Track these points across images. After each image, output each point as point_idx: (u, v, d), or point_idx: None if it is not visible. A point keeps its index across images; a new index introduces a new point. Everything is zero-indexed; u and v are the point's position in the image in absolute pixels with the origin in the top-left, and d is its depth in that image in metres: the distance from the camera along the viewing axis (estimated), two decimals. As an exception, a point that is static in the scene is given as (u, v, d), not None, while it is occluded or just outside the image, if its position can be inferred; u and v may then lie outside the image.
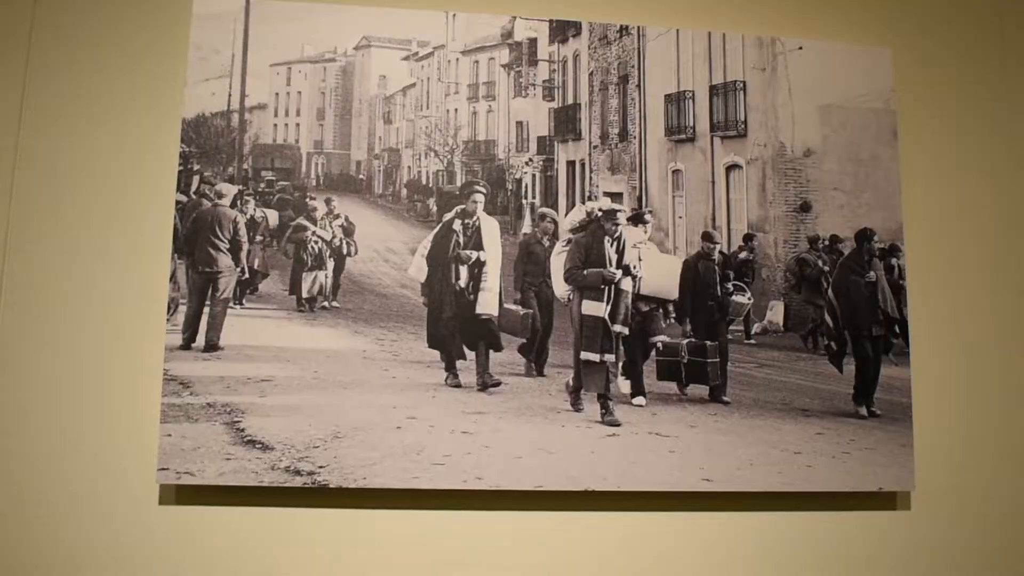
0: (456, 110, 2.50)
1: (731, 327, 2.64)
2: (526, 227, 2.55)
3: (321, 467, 2.24)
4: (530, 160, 2.55)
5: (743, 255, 2.63)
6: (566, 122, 2.56)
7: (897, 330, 2.57)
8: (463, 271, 2.46)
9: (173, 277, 2.34)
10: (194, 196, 2.40)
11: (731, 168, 2.64)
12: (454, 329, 2.43)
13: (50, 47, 2.45)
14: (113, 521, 2.25)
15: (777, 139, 2.59)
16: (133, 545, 2.24)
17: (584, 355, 2.48)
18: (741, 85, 2.61)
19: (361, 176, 2.48)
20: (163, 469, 2.22)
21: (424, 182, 2.49)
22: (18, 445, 2.26)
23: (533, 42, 2.55)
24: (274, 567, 2.26)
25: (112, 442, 2.27)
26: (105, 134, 2.40)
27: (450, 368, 2.42)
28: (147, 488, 2.26)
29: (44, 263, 2.34)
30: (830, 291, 2.62)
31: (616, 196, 2.57)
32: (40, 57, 2.44)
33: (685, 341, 2.60)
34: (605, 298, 2.49)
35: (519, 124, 2.54)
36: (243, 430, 2.27)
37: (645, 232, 2.55)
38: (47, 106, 2.41)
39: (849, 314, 2.61)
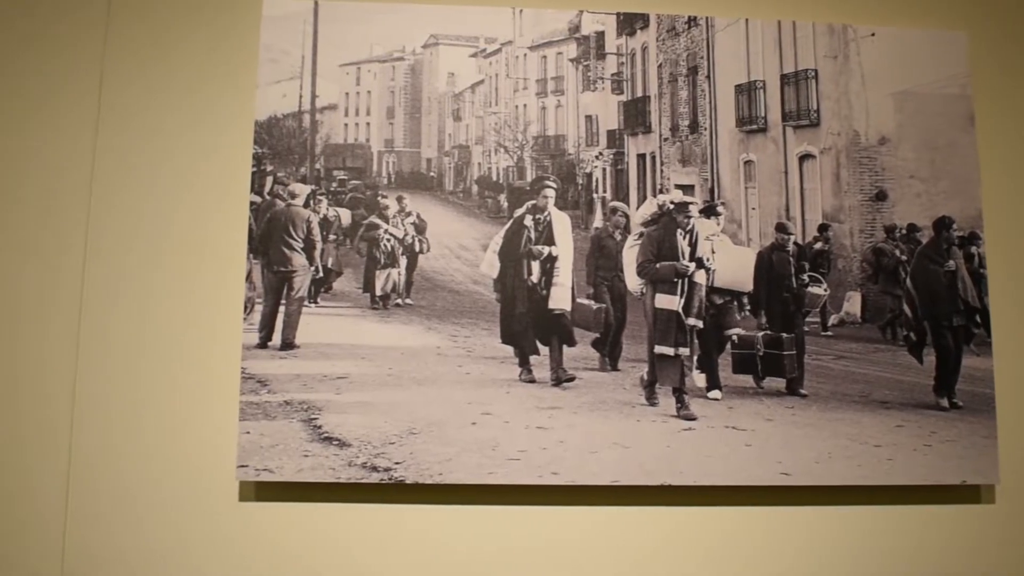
0: (525, 106, 2.61)
1: (807, 319, 2.71)
2: (597, 221, 2.64)
3: (397, 463, 2.33)
4: (600, 154, 2.64)
5: (818, 245, 2.68)
6: (636, 115, 2.66)
7: (978, 319, 2.58)
8: (535, 266, 2.55)
9: (249, 277, 2.45)
10: (268, 197, 2.51)
11: (804, 158, 2.71)
12: (527, 324, 2.50)
13: (124, 55, 2.57)
14: (195, 517, 2.36)
15: (851, 127, 2.65)
16: (214, 541, 2.35)
17: (658, 349, 2.56)
18: (813, 73, 2.68)
19: (432, 173, 2.59)
20: (243, 466, 2.32)
21: (494, 178, 2.59)
22: (103, 445, 2.38)
23: (601, 35, 2.66)
24: (351, 562, 2.35)
25: (193, 440, 2.38)
26: (179, 138, 2.52)
27: (524, 363, 2.49)
28: (227, 485, 2.37)
29: (123, 267, 2.46)
30: (908, 281, 2.67)
31: (688, 188, 2.65)
32: (114, 65, 2.56)
33: (760, 334, 2.65)
34: (679, 291, 2.58)
35: (588, 118, 2.63)
36: (320, 427, 2.37)
37: (718, 224, 2.62)
38: (122, 113, 2.53)
39: (928, 304, 2.64)
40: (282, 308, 2.49)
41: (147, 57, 2.57)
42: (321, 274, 2.53)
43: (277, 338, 2.47)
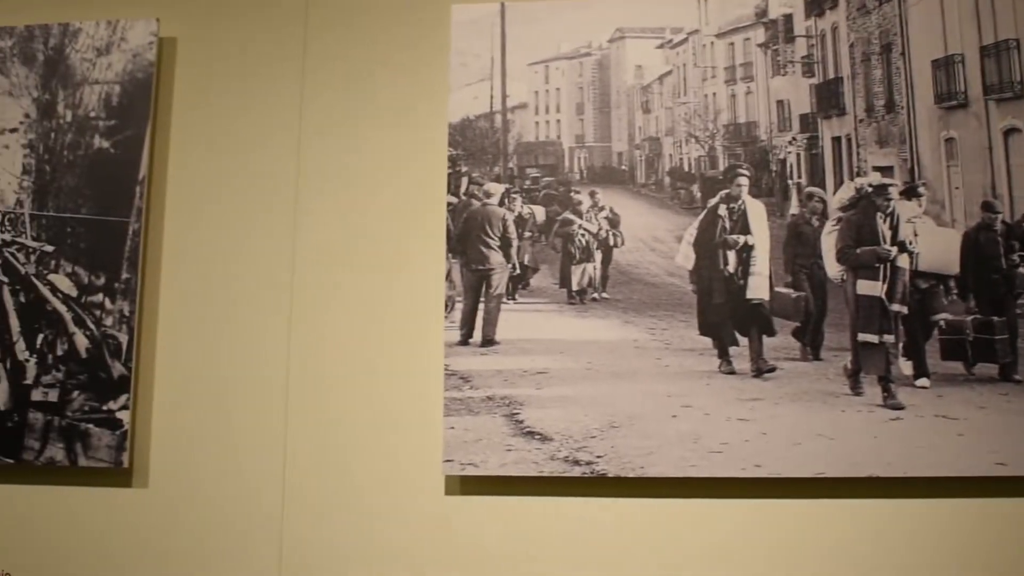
0: (714, 94, 2.65)
1: (1020, 301, 2.66)
2: (793, 208, 2.63)
3: (599, 457, 2.40)
4: (793, 139, 2.65)
5: (1028, 224, 2.63)
6: (828, 97, 2.65)
7: None
8: (731, 256, 2.58)
9: (448, 276, 2.58)
10: (464, 197, 2.62)
11: (1009, 132, 2.64)
12: (725, 315, 2.52)
13: (321, 67, 2.73)
14: (404, 511, 2.48)
15: (1060, 97, 2.58)
16: (422, 533, 2.47)
17: (861, 336, 2.54)
18: (1014, 44, 2.61)
19: (623, 167, 2.66)
20: (448, 461, 2.43)
21: (686, 169, 2.64)
22: (316, 443, 2.55)
23: (788, 18, 2.67)
24: (554, 554, 2.42)
25: (400, 436, 2.51)
26: (378, 144, 2.66)
27: (723, 355, 2.51)
28: (434, 479, 2.49)
29: (329, 270, 2.62)
30: None
31: (886, 170, 2.61)
32: (313, 76, 2.72)
33: (970, 318, 2.58)
34: (881, 277, 2.55)
35: (780, 103, 2.65)
36: (522, 421, 2.46)
37: (919, 206, 2.58)
38: (322, 122, 2.70)
39: None
40: (481, 305, 2.60)
41: (343, 71, 2.74)
42: (518, 271, 2.63)
43: (478, 335, 2.58)
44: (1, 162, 2.81)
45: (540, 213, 2.63)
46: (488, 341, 2.55)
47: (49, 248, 2.74)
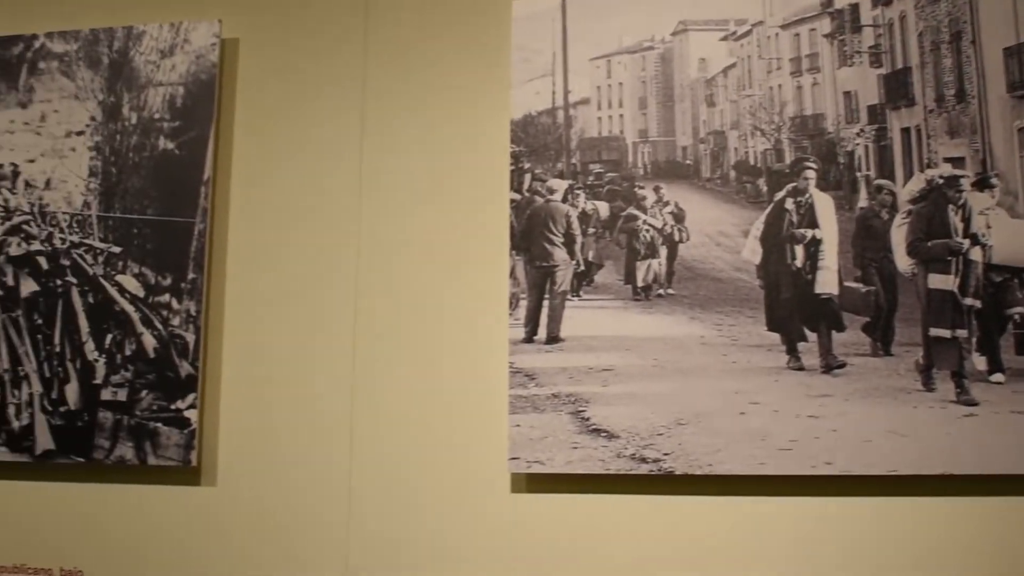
0: (780, 86, 2.63)
1: (1098, 294, 2.60)
2: (862, 201, 2.60)
3: (666, 454, 2.39)
4: (861, 131, 2.62)
5: (1107, 214, 2.58)
6: (897, 88, 2.62)
7: None
8: (799, 250, 2.56)
9: (512, 273, 2.59)
10: (527, 194, 2.62)
11: (1084, 120, 2.62)
12: (793, 310, 2.49)
13: (382, 65, 2.76)
14: (470, 508, 2.50)
15: None
16: (489, 530, 2.48)
17: (933, 331, 2.50)
18: (1089, 28, 2.58)
19: (688, 161, 2.65)
20: (514, 458, 2.44)
21: (752, 162, 2.62)
22: (382, 441, 2.58)
23: (855, 7, 2.63)
24: (621, 552, 2.42)
25: (466, 434, 2.53)
26: (440, 142, 2.68)
27: (791, 351, 2.48)
28: (500, 477, 2.49)
29: (393, 268, 2.64)
30: None
31: (957, 161, 2.57)
32: (374, 74, 2.75)
33: None
34: (953, 270, 2.53)
35: (847, 94, 2.62)
36: (588, 419, 2.46)
37: (992, 197, 2.53)
38: (384, 120, 2.72)
39: None
40: (546, 302, 2.60)
41: (404, 69, 2.76)
42: (582, 267, 2.63)
43: (542, 332, 2.58)
44: (68, 165, 2.87)
45: (604, 209, 2.63)
46: (553, 338, 2.55)
47: (116, 249, 2.79)
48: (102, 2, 3.02)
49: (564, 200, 2.63)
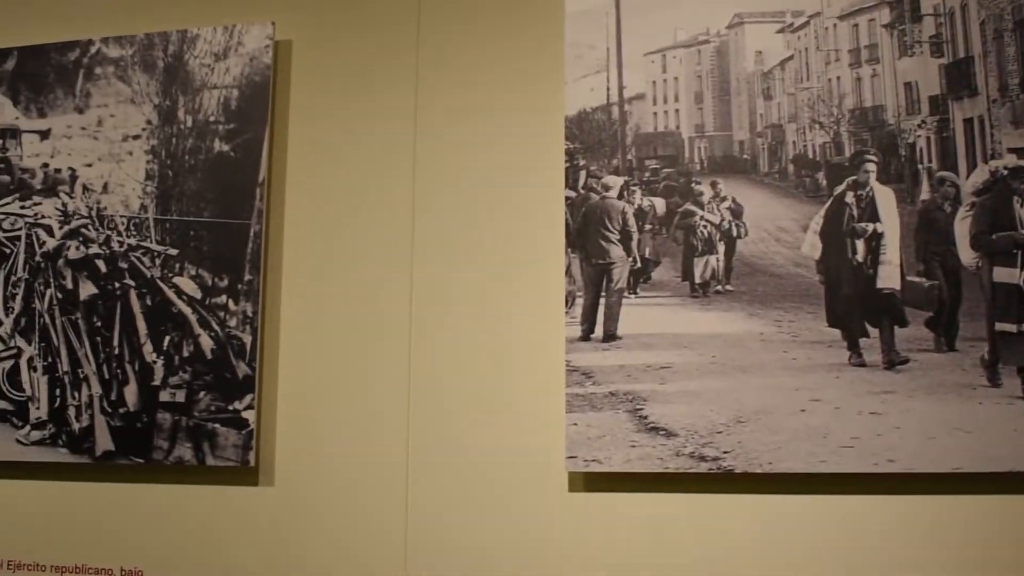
0: (838, 78, 2.60)
1: None
2: (924, 193, 2.56)
3: (725, 452, 2.38)
4: (923, 122, 2.58)
5: None
6: (959, 78, 2.58)
7: None
8: (859, 245, 2.53)
9: (568, 271, 2.59)
10: (582, 191, 2.61)
11: None
12: (854, 306, 2.47)
13: (434, 65, 2.78)
14: (528, 507, 2.51)
15: None
16: (547, 530, 2.49)
17: (999, 326, 2.45)
18: None
19: (745, 156, 2.63)
20: (571, 457, 2.44)
21: (811, 156, 2.60)
22: (438, 440, 2.60)
23: (915, -4, 2.63)
24: (681, 552, 2.42)
25: (523, 432, 2.54)
26: (494, 140, 2.69)
27: (853, 347, 2.46)
28: (557, 476, 2.49)
29: (448, 266, 2.66)
30: None
31: (1022, 152, 2.57)
32: (427, 74, 2.77)
33: None
34: (1019, 263, 2.50)
35: (907, 85, 2.58)
36: (646, 417, 2.45)
37: None
38: (437, 120, 2.74)
39: None
40: (602, 300, 2.59)
41: (457, 67, 2.78)
42: (639, 264, 2.62)
43: (599, 330, 2.57)
44: (126, 168, 2.91)
45: (660, 205, 2.63)
46: (610, 336, 2.55)
47: (173, 251, 2.84)
48: (157, 6, 3.06)
49: (620, 197, 2.63)
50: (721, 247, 2.61)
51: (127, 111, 2.97)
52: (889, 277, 2.53)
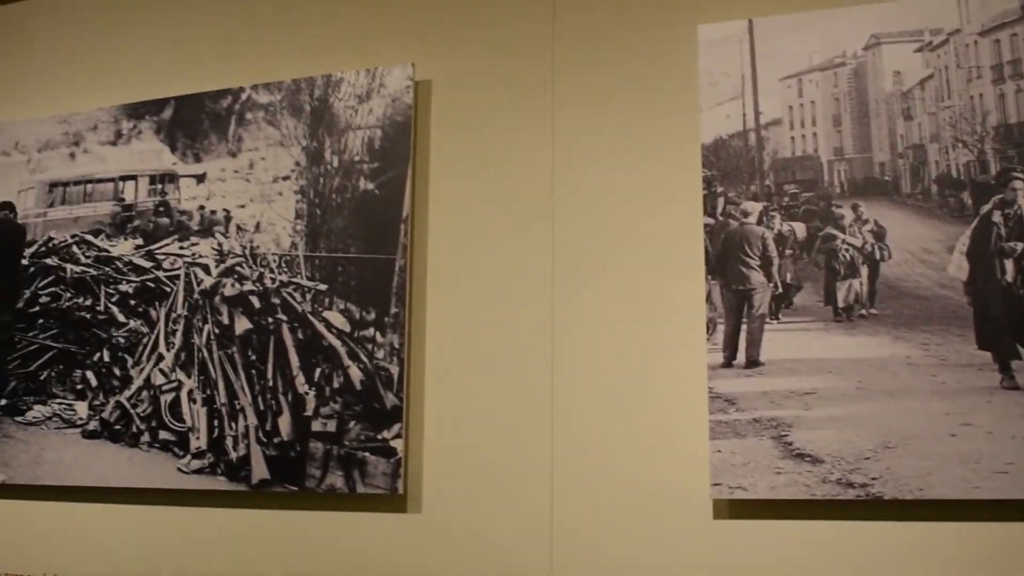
0: (981, 95, 2.59)
1: None
2: (1076, 210, 2.56)
3: (874, 479, 2.37)
4: (1072, 137, 2.57)
5: None
6: (1108, 90, 2.57)
7: None
8: (1008, 265, 2.49)
9: (709, 298, 2.65)
10: (720, 218, 2.66)
11: None
12: (1005, 327, 2.43)
13: (569, 98, 2.89)
14: (673, 535, 2.55)
15: None
16: (692, 558, 2.53)
17: None
18: None
19: (886, 177, 2.64)
20: (716, 484, 2.48)
21: (955, 175, 2.60)
22: (583, 466, 2.67)
23: (1059, 9, 2.60)
24: None
25: (666, 459, 2.58)
26: (631, 170, 2.77)
27: (1004, 369, 2.41)
28: (702, 503, 2.54)
29: (588, 296, 2.75)
30: None
31: None
32: (562, 108, 2.89)
33: None
34: None
35: (1054, 100, 2.59)
36: (791, 444, 2.47)
37: None
38: (574, 152, 2.85)
39: None
40: (744, 326, 2.63)
41: (591, 100, 2.88)
42: (780, 290, 2.65)
43: (741, 356, 2.60)
44: (277, 208, 3.10)
45: (800, 230, 2.65)
46: (752, 362, 2.58)
47: (323, 287, 3.00)
48: (302, 53, 3.25)
49: (759, 222, 2.67)
50: (864, 270, 2.62)
51: (277, 153, 3.16)
52: (1041, 297, 2.50)
